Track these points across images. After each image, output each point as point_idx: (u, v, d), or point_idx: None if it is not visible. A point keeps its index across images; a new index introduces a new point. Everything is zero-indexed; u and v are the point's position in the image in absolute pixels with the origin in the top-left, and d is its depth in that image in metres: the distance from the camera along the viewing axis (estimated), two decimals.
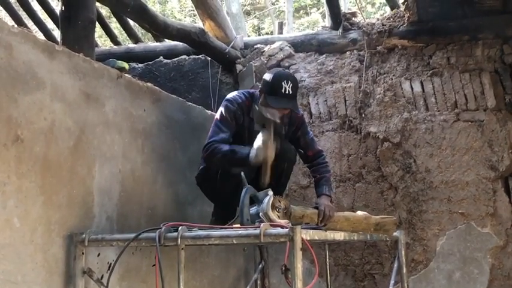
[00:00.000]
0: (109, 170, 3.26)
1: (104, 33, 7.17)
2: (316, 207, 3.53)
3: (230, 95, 3.72)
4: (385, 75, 5.03)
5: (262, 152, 3.28)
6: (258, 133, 3.56)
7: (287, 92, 3.44)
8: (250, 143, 3.56)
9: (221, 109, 3.62)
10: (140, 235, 2.89)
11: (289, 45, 5.39)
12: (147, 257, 3.42)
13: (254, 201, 3.16)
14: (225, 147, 3.43)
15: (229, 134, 3.54)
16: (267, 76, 3.56)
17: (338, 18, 5.28)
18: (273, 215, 3.04)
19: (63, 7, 3.64)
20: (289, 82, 3.46)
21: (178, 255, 2.84)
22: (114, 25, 8.27)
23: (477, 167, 4.65)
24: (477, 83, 4.75)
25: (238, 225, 3.04)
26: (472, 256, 4.57)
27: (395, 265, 4.03)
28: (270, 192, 3.13)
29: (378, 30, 5.09)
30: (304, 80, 5.22)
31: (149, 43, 6.48)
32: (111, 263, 3.11)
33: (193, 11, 10.65)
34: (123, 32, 6.85)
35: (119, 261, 2.99)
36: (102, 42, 9.67)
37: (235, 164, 3.40)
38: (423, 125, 4.81)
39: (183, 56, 5.79)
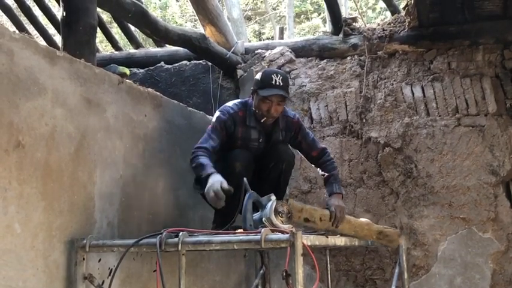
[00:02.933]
0: (110, 176, 3.26)
1: (105, 38, 7.20)
2: (327, 208, 3.59)
3: (223, 106, 3.80)
4: (385, 80, 5.03)
5: (208, 196, 3.19)
6: (255, 141, 3.67)
7: (277, 84, 3.54)
8: (249, 151, 3.66)
9: (213, 118, 3.70)
10: (141, 241, 2.89)
11: (290, 50, 5.40)
12: (148, 263, 3.41)
13: (257, 206, 3.15)
14: (202, 159, 3.37)
15: (219, 142, 3.58)
16: (257, 75, 3.69)
17: (339, 23, 5.28)
18: (276, 220, 3.03)
19: (64, 13, 3.65)
20: (279, 75, 3.58)
21: (179, 261, 2.84)
22: (115, 30, 8.30)
23: (478, 172, 4.64)
24: (478, 88, 4.75)
25: (241, 230, 3.03)
26: (473, 261, 4.56)
27: (397, 270, 4.02)
28: (273, 197, 3.11)
29: (379, 35, 5.09)
30: (305, 85, 5.23)
31: (150, 48, 6.49)
32: (112, 269, 3.11)
33: (194, 16, 10.67)
34: (124, 37, 6.86)
35: (120, 266, 2.99)
36: (103, 47, 9.70)
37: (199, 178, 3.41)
38: (424, 130, 4.81)
39: (184, 62, 5.79)
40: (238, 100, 3.91)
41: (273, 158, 3.68)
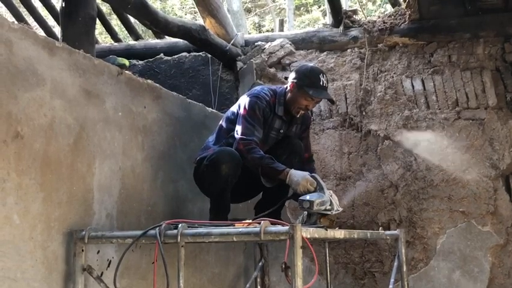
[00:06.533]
0: (109, 167, 3.25)
1: (104, 30, 7.18)
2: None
3: (257, 91, 3.76)
4: (386, 73, 5.02)
5: (298, 187, 3.38)
6: (276, 131, 3.77)
7: (324, 85, 3.71)
8: (266, 139, 3.70)
9: (251, 104, 3.64)
10: (146, 233, 2.87)
11: (289, 42, 5.38)
12: (146, 255, 3.41)
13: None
14: (262, 153, 3.48)
15: (261, 134, 3.62)
16: (301, 70, 3.75)
17: (339, 15, 5.26)
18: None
19: (63, 3, 3.63)
20: (325, 75, 3.74)
21: (178, 253, 2.83)
22: (115, 22, 8.28)
23: (478, 165, 4.64)
24: (478, 81, 4.74)
25: (248, 221, 3.05)
26: (472, 254, 4.57)
27: (396, 263, 4.02)
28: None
29: (379, 27, 5.07)
30: None
31: (150, 40, 6.46)
32: (110, 260, 3.12)
33: (194, 8, 10.63)
34: (124, 29, 6.83)
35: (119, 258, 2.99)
36: (103, 39, 9.68)
37: (266, 172, 3.50)
38: (424, 123, 4.80)
39: (184, 53, 5.77)
40: (268, 86, 3.93)
41: (286, 151, 3.71)
